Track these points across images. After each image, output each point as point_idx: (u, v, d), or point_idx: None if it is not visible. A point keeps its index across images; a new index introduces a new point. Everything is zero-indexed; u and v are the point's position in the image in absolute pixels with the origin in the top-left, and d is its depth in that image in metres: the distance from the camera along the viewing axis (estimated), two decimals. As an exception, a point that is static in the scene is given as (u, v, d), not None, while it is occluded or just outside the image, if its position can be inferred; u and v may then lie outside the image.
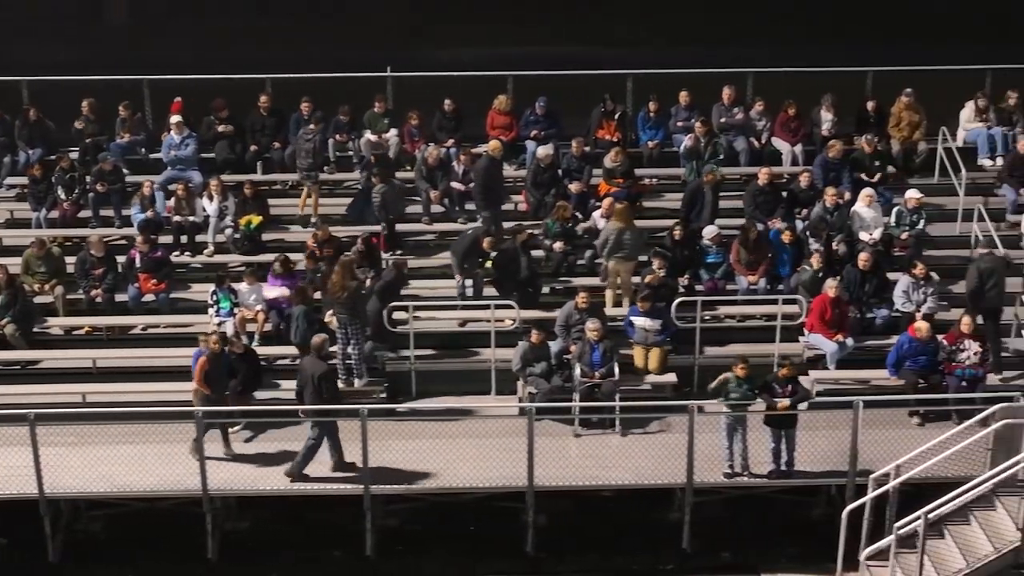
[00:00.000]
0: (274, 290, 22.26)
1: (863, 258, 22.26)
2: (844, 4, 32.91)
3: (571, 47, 30.27)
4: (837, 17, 32.40)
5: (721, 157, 24.98)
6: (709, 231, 23.15)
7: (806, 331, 21.95)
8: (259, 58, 28.00)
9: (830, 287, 21.61)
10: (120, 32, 36.19)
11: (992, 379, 21.13)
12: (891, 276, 22.61)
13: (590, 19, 32.34)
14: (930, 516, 18.05)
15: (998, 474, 18.23)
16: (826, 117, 26.17)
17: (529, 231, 23.22)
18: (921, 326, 20.92)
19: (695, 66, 26.67)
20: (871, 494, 18.72)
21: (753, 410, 19.42)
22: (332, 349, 20.62)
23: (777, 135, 26.15)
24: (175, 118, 25.52)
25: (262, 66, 26.77)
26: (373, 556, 19.90)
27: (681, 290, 22.61)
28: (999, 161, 25.67)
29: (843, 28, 31.83)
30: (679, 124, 26.06)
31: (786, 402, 19.21)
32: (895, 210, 23.89)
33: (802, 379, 20.67)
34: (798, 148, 25.93)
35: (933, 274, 22.61)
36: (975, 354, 20.83)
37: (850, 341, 21.69)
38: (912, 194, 23.84)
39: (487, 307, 22.03)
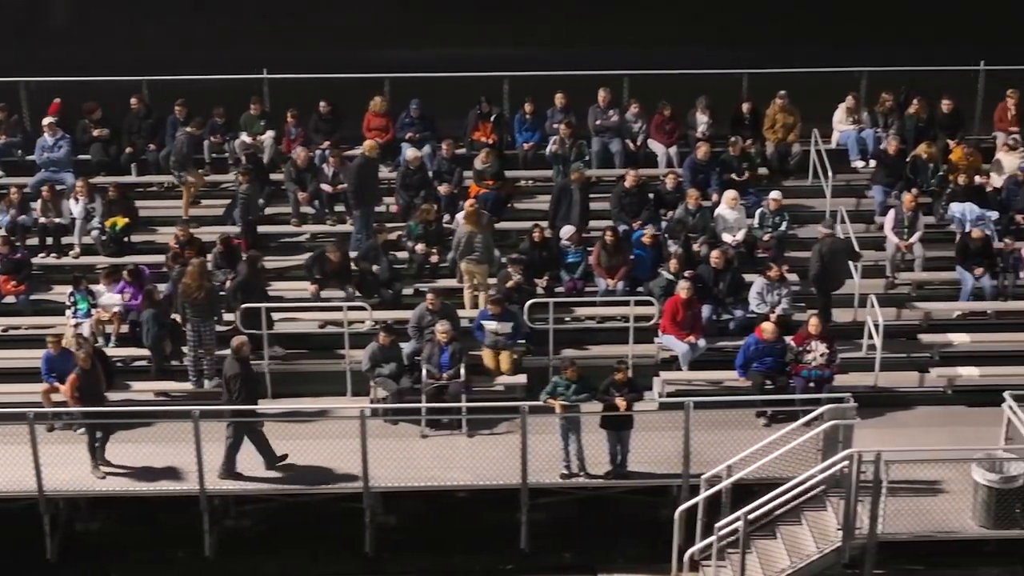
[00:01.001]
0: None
1: (714, 256, 22.35)
2: (718, 5, 32.96)
3: (450, 48, 30.26)
4: (712, 19, 32.46)
5: (587, 159, 25.07)
6: (566, 231, 23.24)
7: (660, 332, 22.04)
8: (138, 59, 27.91)
9: (681, 288, 21.72)
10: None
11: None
12: (749, 278, 22.72)
13: (470, 21, 32.35)
14: (752, 516, 18.19)
15: (811, 476, 18.30)
16: (701, 119, 26.28)
17: (388, 232, 23.31)
18: (767, 327, 21.04)
19: (571, 68, 26.66)
20: (703, 494, 18.83)
21: (587, 412, 19.54)
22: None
23: (653, 137, 26.26)
24: (48, 120, 25.56)
25: (140, 68, 26.77)
26: (212, 557, 19.94)
27: (540, 291, 22.70)
28: (872, 163, 25.78)
29: (719, 30, 31.87)
30: (555, 126, 26.10)
31: (623, 403, 19.28)
32: (758, 212, 24.01)
33: (655, 379, 21.02)
34: (673, 150, 26.03)
35: (788, 275, 22.72)
36: (822, 355, 20.95)
37: (702, 342, 21.79)
38: (774, 196, 23.98)
39: (339, 309, 22.06)
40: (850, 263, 22.68)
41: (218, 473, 19.69)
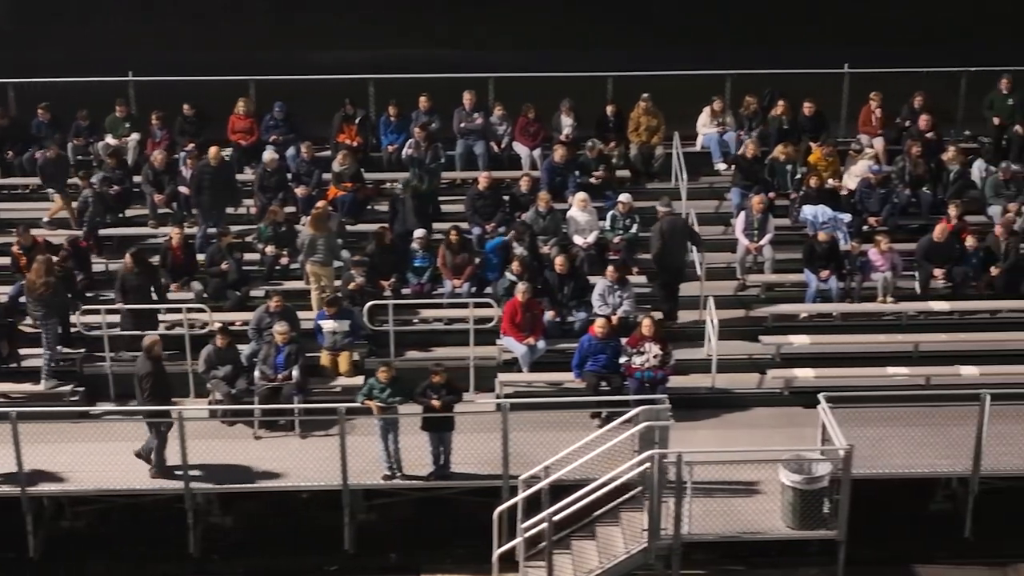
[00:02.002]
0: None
1: (558, 262, 22.46)
2: (585, 9, 33.12)
3: (318, 51, 30.38)
4: (578, 22, 32.62)
5: (442, 161, 25.15)
6: (419, 233, 23.34)
7: (501, 334, 22.13)
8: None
9: (519, 291, 21.81)
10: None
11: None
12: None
13: (340, 23, 32.46)
14: (559, 517, 18.23)
15: (615, 477, 18.36)
16: (566, 122, 26.41)
17: (233, 234, 23.39)
18: (600, 323, 21.15)
19: (438, 71, 26.76)
20: (520, 495, 18.85)
21: (405, 413, 19.61)
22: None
23: (517, 139, 26.36)
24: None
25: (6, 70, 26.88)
26: (37, 558, 19.96)
27: (387, 293, 22.79)
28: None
29: (585, 34, 32.03)
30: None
31: (438, 404, 19.35)
32: (609, 214, 24.10)
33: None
34: (537, 152, 26.13)
35: (629, 278, 22.82)
36: (655, 356, 21.04)
37: (541, 344, 21.87)
38: (623, 199, 24.07)
39: (179, 310, 22.11)
40: (691, 244, 23.06)
41: (150, 472, 19.73)
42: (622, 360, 21.09)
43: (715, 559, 20.12)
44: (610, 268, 22.34)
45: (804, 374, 21.90)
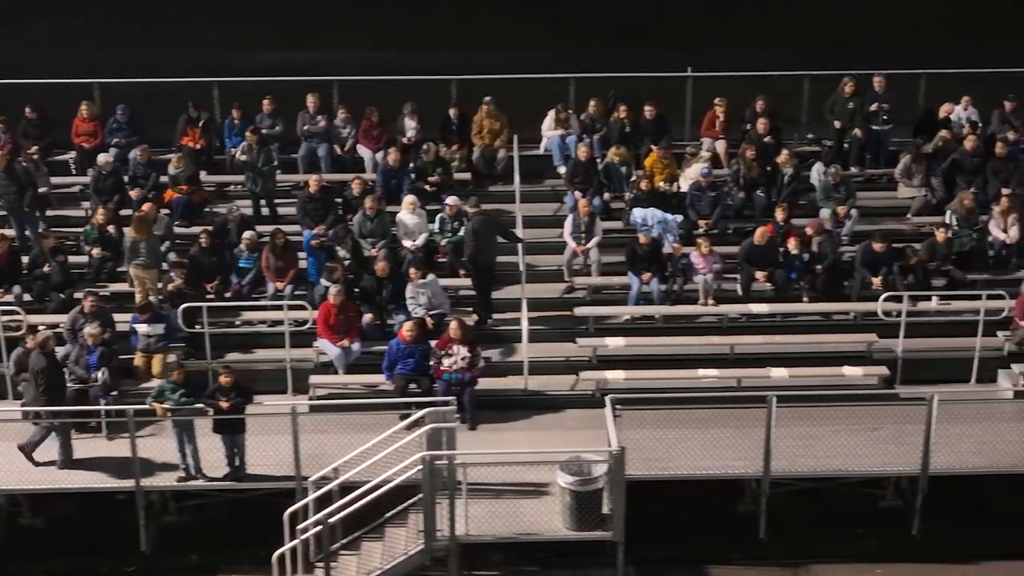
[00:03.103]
0: None
1: (379, 267, 22.59)
2: (431, 12, 33.26)
3: (167, 54, 30.47)
4: (424, 25, 32.75)
5: (275, 164, 25.27)
6: (246, 235, 23.46)
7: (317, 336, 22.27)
8: None
9: (331, 294, 21.94)
10: None
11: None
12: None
13: (186, 25, 32.54)
14: (336, 518, 18.38)
15: (390, 479, 18.48)
16: (410, 124, 26.52)
17: (53, 237, 23.50)
18: (407, 328, 21.30)
19: (285, 73, 26.88)
20: (311, 496, 18.96)
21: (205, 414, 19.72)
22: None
23: (361, 142, 26.46)
24: None
25: None
26: None
27: (210, 295, 22.89)
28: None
29: (431, 36, 32.16)
30: (263, 131, 26.33)
31: (225, 405, 19.46)
32: (438, 217, 24.23)
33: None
34: (380, 155, 26.22)
35: (431, 276, 22.90)
36: (463, 359, 21.20)
37: (356, 346, 22.01)
38: (451, 201, 24.19)
39: (-1, 312, 22.21)
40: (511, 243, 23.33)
41: (57, 465, 19.98)
42: (432, 362, 21.25)
43: (513, 559, 20.30)
44: (412, 269, 22.45)
45: (615, 376, 22.06)
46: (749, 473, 20.05)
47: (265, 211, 25.42)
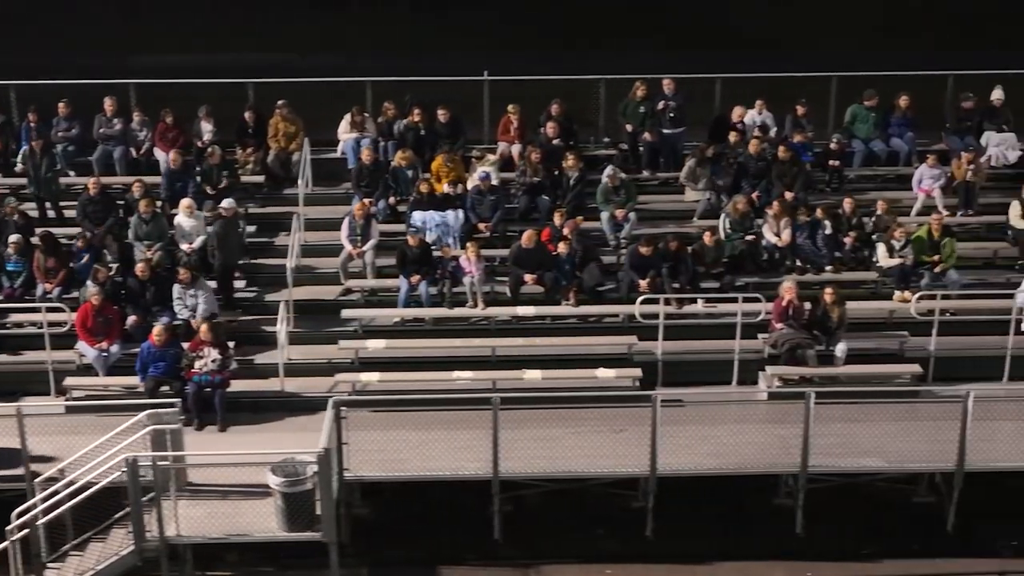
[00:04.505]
0: None
1: (139, 269, 22.77)
2: (232, 13, 33.42)
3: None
4: (224, 26, 32.91)
5: (58, 169, 25.44)
6: (13, 238, 23.57)
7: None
8: None
9: (90, 295, 22.10)
10: None
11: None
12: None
13: None
14: (47, 517, 18.48)
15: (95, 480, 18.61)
16: (206, 127, 26.67)
17: None
18: (157, 331, 21.47)
19: (83, 76, 26.99)
20: (38, 496, 19.07)
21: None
22: None
23: (157, 145, 26.58)
24: None
25: None
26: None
27: (-17, 298, 23.08)
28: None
29: (228, 38, 32.31)
30: (59, 134, 26.52)
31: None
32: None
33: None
34: (172, 154, 26.25)
35: (209, 282, 23.11)
36: (213, 361, 21.38)
37: (115, 348, 22.16)
38: (226, 204, 24.29)
39: None
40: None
41: None
42: (183, 364, 21.44)
43: (250, 560, 20.47)
44: (180, 270, 22.64)
45: (369, 378, 22.27)
46: (480, 475, 20.21)
47: (51, 213, 25.47)
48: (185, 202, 24.28)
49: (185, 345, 21.72)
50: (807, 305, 22.84)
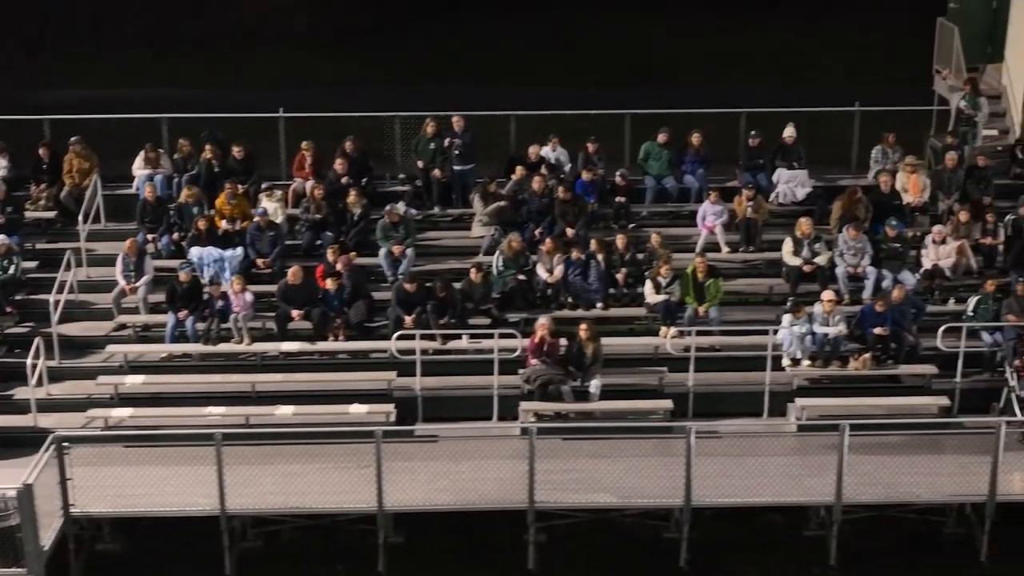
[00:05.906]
0: None
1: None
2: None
3: None
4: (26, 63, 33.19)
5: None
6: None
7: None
8: None
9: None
10: None
11: None
12: None
13: None
14: None
15: None
16: (0, 163, 26.93)
17: None
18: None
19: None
20: None
21: None
22: None
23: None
24: None
25: None
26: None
27: None
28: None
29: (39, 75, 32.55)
30: None
31: None
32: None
33: None
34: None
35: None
36: None
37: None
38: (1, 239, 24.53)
39: None
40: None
41: None
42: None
43: None
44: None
45: (120, 414, 22.50)
46: (207, 511, 20.40)
47: None
48: (-22, 232, 24.56)
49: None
50: (563, 341, 23.13)
